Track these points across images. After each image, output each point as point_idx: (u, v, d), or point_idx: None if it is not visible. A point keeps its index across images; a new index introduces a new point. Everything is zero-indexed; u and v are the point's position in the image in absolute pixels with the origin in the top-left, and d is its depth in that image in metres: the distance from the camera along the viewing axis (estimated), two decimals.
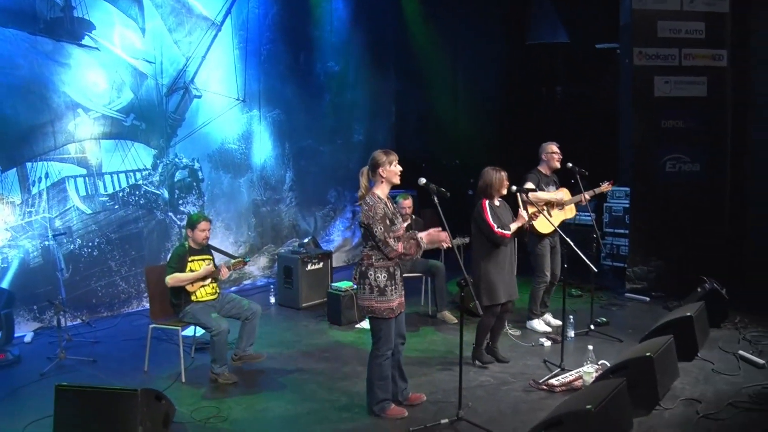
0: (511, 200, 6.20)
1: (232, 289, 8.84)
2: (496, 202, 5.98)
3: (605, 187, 7.20)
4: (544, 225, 6.64)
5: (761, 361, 6.00)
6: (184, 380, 5.72)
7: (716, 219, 8.29)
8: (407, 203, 7.73)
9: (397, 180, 4.90)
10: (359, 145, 10.46)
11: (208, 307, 5.82)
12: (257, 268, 9.22)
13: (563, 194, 7.03)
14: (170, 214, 8.11)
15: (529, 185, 6.70)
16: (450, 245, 4.90)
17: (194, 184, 8.44)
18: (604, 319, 7.24)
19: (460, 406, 4.94)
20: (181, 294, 5.77)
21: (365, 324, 7.20)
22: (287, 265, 8.04)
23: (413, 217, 7.84)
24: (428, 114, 10.97)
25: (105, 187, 7.51)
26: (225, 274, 5.93)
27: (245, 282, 9.09)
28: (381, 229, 4.74)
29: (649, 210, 8.28)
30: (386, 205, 4.86)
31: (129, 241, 7.71)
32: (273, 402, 5.38)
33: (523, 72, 10.89)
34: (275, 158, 9.39)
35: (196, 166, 8.44)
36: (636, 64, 8.12)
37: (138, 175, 7.81)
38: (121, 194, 7.65)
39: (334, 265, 9.66)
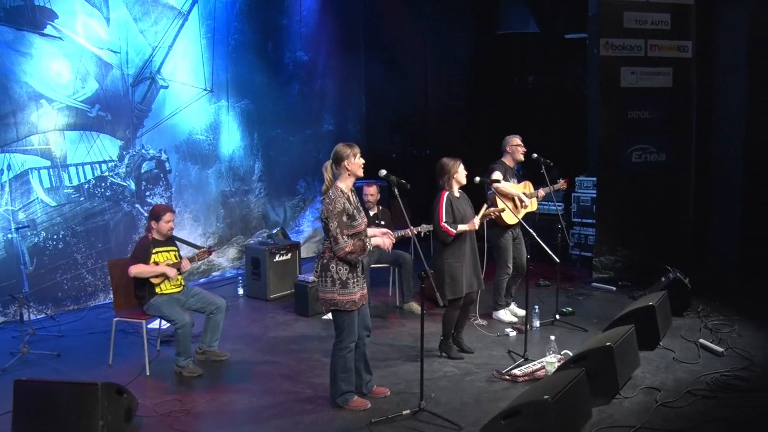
0: (478, 196, 6.24)
1: (201, 280, 8.83)
2: (456, 194, 6.00)
3: (561, 185, 7.30)
4: (509, 216, 6.70)
5: (720, 349, 6.12)
6: (148, 373, 5.72)
7: (681, 208, 8.43)
8: (371, 190, 7.70)
9: (360, 173, 4.92)
10: (329, 135, 10.44)
11: (173, 300, 5.81)
12: (226, 259, 9.21)
13: (525, 190, 7.09)
14: (137, 206, 8.06)
15: (497, 175, 6.75)
16: (387, 247, 4.95)
17: (161, 175, 8.39)
18: (570, 309, 7.33)
19: (422, 397, 4.98)
20: (145, 286, 5.76)
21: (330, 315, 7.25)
22: (255, 257, 8.04)
23: (380, 207, 7.82)
24: (399, 104, 10.95)
25: (70, 179, 7.44)
26: (186, 266, 5.92)
27: (214, 274, 9.07)
28: (335, 224, 4.75)
29: (616, 200, 8.39)
30: (348, 199, 4.87)
31: (95, 233, 7.66)
32: (237, 395, 5.39)
33: (494, 62, 10.94)
34: (244, 149, 9.36)
35: (164, 157, 8.39)
36: (603, 54, 8.19)
37: (104, 166, 7.75)
38: (86, 186, 7.59)
39: (303, 255, 9.69)
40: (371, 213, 7.77)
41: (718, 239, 8.48)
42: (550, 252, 6.24)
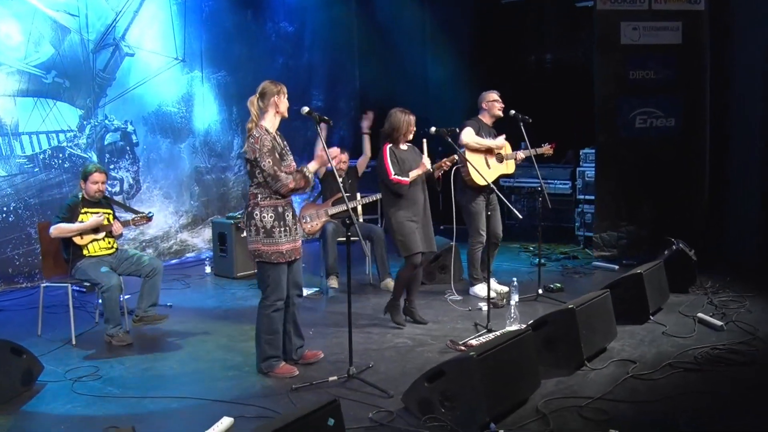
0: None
1: (173, 261, 8.63)
2: (403, 147, 5.73)
3: (546, 149, 6.85)
4: (478, 177, 6.27)
5: (719, 323, 5.61)
6: (74, 343, 5.49)
7: (694, 178, 7.84)
8: (343, 157, 7.44)
9: (286, 113, 4.76)
10: (317, 111, 9.98)
11: (102, 262, 5.57)
12: (202, 240, 8.98)
13: (504, 144, 6.67)
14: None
15: (467, 134, 6.38)
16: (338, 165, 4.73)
17: (127, 148, 8.22)
18: (559, 285, 6.85)
19: (351, 362, 4.66)
20: (70, 248, 5.54)
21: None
22: (221, 231, 7.79)
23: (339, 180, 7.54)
24: (396, 80, 10.60)
25: (22, 148, 7.30)
26: (118, 229, 5.66)
27: (188, 255, 8.86)
28: (269, 162, 4.55)
29: (617, 170, 7.87)
30: (275, 138, 4.67)
31: (51, 206, 7.45)
32: (160, 362, 5.15)
33: (498, 32, 10.52)
34: (221, 123, 9.14)
35: (130, 128, 8.22)
36: (600, 8, 7.72)
37: (62, 136, 7.59)
38: (42, 156, 7.43)
39: None
40: (340, 180, 7.49)
41: (735, 211, 7.87)
42: (512, 207, 5.86)
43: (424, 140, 5.75)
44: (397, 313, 5.85)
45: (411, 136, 5.70)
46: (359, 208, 7.48)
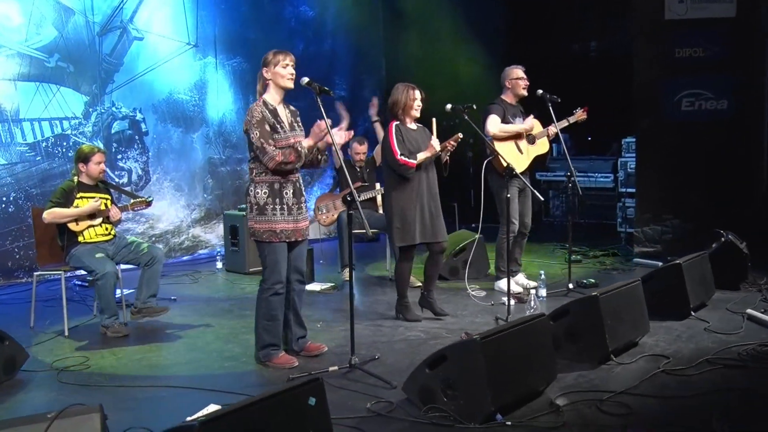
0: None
1: (184, 258, 8.70)
2: (412, 126, 5.67)
3: (579, 115, 6.66)
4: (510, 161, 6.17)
5: None
6: (67, 334, 5.55)
7: (749, 166, 7.60)
8: (362, 148, 7.51)
9: (287, 83, 4.72)
10: (340, 101, 10.15)
11: (98, 249, 5.63)
12: (216, 236, 9.03)
13: (533, 124, 6.57)
14: (107, 169, 7.96)
15: (492, 122, 6.32)
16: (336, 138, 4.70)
17: (136, 137, 8.34)
18: (593, 281, 6.72)
19: (353, 352, 4.62)
20: (65, 234, 5.61)
21: (314, 286, 7.04)
22: (233, 224, 7.83)
23: (357, 169, 7.60)
24: (426, 69, 10.55)
25: (23, 136, 7.45)
26: (116, 214, 5.72)
27: (200, 252, 8.94)
28: (257, 133, 4.56)
29: (661, 157, 7.68)
30: (274, 111, 4.68)
31: None
32: (154, 353, 5.19)
33: (536, 18, 10.45)
34: (237, 112, 9.21)
35: (139, 117, 8.34)
36: None
37: (66, 123, 7.73)
38: (44, 144, 7.58)
39: (311, 236, 9.43)
40: (357, 168, 7.56)
41: None
42: (536, 193, 5.75)
43: (434, 119, 5.69)
44: (408, 311, 5.79)
45: (415, 113, 5.61)
46: (378, 198, 7.49)
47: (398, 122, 5.61)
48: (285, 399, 3.08)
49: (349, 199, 4.59)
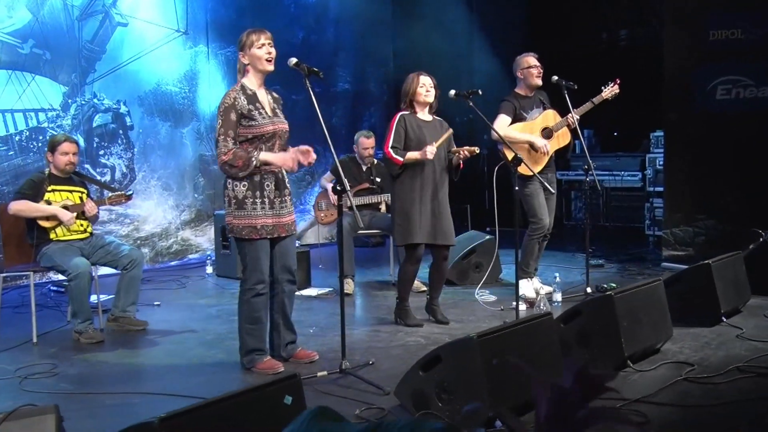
0: None
1: (173, 263, 8.72)
2: (425, 117, 5.68)
3: (609, 91, 6.55)
4: (524, 168, 6.13)
5: None
6: (35, 341, 5.54)
7: None
8: (369, 142, 7.52)
9: (266, 65, 4.72)
10: (344, 94, 10.28)
11: (71, 248, 5.64)
12: (207, 239, 9.05)
13: (543, 120, 6.52)
14: (87, 166, 8.04)
15: (501, 121, 6.31)
16: (291, 168, 4.70)
17: (120, 131, 8.38)
18: (614, 285, 6.64)
19: (344, 356, 4.61)
20: (34, 232, 5.62)
21: (310, 291, 7.08)
22: (224, 225, 7.79)
23: (375, 161, 7.60)
24: (437, 62, 10.54)
25: None
26: (92, 209, 5.72)
27: (190, 256, 8.96)
28: (220, 122, 4.58)
29: (693, 151, 7.62)
30: (252, 97, 4.67)
31: None
32: (130, 359, 5.21)
33: (557, 8, 10.43)
34: None
35: (123, 109, 8.39)
36: None
37: (42, 115, 7.79)
38: (17, 138, 7.63)
39: (311, 241, 9.45)
40: (364, 168, 7.58)
41: None
42: (545, 184, 5.72)
43: (450, 131, 5.68)
44: (408, 316, 5.80)
45: (426, 99, 5.62)
46: (383, 207, 7.50)
47: (407, 113, 5.63)
48: (257, 397, 3.06)
49: (339, 189, 4.57)
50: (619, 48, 10.57)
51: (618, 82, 6.59)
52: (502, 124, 6.36)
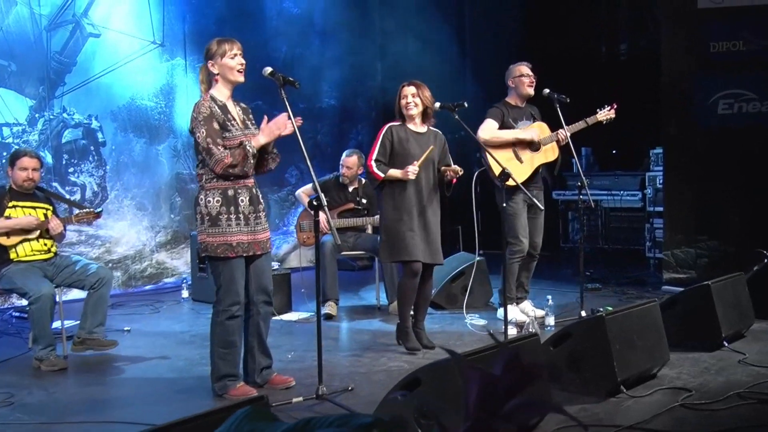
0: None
1: (147, 287, 8.70)
2: (418, 129, 5.71)
3: (606, 113, 6.63)
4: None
5: None
6: None
7: None
8: (351, 161, 7.52)
9: (237, 76, 4.77)
10: (331, 111, 10.32)
11: (33, 269, 5.62)
12: (184, 262, 9.03)
13: (538, 130, 6.56)
14: (55, 184, 8.04)
15: (488, 126, 6.36)
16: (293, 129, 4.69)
17: (91, 148, 8.39)
18: (610, 308, 6.62)
19: (320, 381, 4.61)
20: None
21: (290, 315, 7.13)
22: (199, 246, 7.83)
23: (362, 181, 7.61)
24: (430, 76, 10.58)
25: None
26: (57, 227, 5.70)
27: (166, 280, 8.94)
28: (203, 132, 4.58)
29: (693, 169, 7.67)
30: (224, 108, 4.72)
31: None
32: (94, 387, 5.19)
33: (554, 15, 10.53)
34: None
35: (94, 125, 8.40)
36: None
37: (6, 130, 7.78)
38: None
39: (294, 264, 9.43)
40: (350, 189, 7.58)
41: None
42: (534, 200, 5.74)
43: (431, 147, 5.66)
44: (409, 338, 5.77)
45: (409, 112, 5.64)
46: (369, 229, 7.51)
47: (397, 124, 5.68)
48: (221, 419, 3.03)
49: (315, 204, 4.59)
50: (618, 61, 10.66)
51: (615, 106, 6.66)
52: (490, 128, 6.39)
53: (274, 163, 4.99)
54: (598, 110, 6.64)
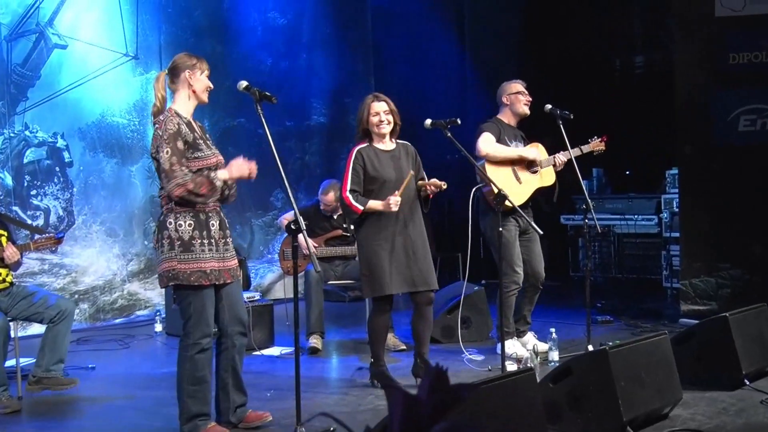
0: None
1: (117, 321, 8.69)
2: (386, 146, 5.69)
3: (595, 144, 6.70)
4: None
5: None
6: None
7: None
8: (328, 199, 7.53)
9: (205, 97, 4.85)
10: (320, 129, 10.39)
11: None
12: (158, 293, 9.02)
13: (537, 151, 6.59)
14: (15, 208, 8.06)
15: (485, 141, 6.37)
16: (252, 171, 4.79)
17: (57, 168, 8.42)
18: (618, 342, 6.63)
19: (299, 421, 4.61)
20: None
21: (273, 350, 7.16)
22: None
23: (334, 217, 7.64)
24: (425, 92, 10.68)
25: None
26: (13, 255, 5.66)
27: (138, 313, 8.94)
28: (167, 152, 4.56)
29: (712, 191, 7.67)
30: (189, 125, 4.74)
31: None
32: (48, 431, 5.19)
33: (556, 28, 10.62)
34: None
35: (60, 143, 8.43)
36: None
37: None
38: None
39: (278, 296, 9.44)
40: (335, 216, 7.61)
41: None
42: (532, 225, 5.77)
43: (410, 173, 5.57)
44: (382, 373, 5.76)
45: (381, 131, 5.61)
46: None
47: (364, 145, 5.65)
48: None
49: (293, 227, 4.60)
50: (632, 75, 10.73)
51: (605, 139, 6.73)
52: (489, 140, 6.39)
53: (233, 198, 5.05)
54: (589, 140, 6.71)
